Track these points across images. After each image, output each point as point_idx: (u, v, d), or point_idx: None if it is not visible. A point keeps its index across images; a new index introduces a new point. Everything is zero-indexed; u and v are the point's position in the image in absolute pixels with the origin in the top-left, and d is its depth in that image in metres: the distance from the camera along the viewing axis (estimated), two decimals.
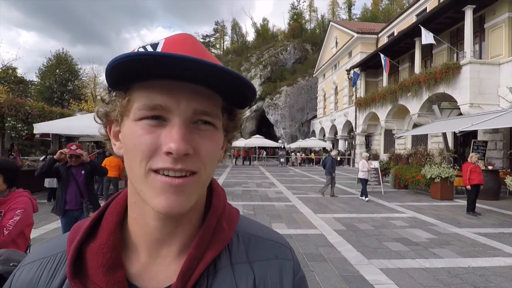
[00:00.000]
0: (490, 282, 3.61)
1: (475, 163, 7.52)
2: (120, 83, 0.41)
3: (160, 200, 0.39)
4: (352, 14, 56.20)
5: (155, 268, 0.45)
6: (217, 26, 70.71)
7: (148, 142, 0.39)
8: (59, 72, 34.15)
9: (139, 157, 0.40)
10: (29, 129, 10.06)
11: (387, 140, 20.78)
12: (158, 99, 0.40)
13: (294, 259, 0.52)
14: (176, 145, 0.38)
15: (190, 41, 0.44)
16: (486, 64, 11.65)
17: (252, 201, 8.69)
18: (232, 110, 0.48)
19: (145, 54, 0.37)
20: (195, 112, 0.41)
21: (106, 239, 0.44)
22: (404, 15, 20.10)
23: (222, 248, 0.47)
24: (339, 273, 3.79)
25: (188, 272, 0.43)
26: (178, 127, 0.39)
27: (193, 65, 0.37)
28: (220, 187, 0.56)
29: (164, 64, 0.37)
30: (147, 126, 0.40)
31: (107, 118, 0.46)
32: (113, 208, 0.48)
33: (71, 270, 0.42)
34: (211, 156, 0.43)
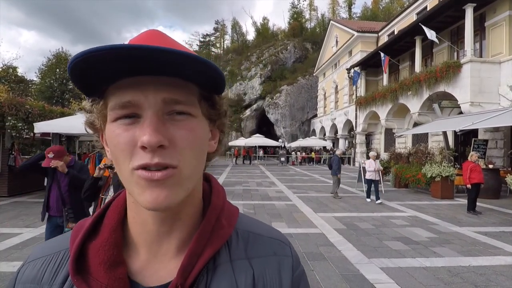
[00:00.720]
0: (491, 281, 3.60)
1: (475, 162, 7.51)
2: (90, 88, 0.42)
3: (146, 196, 0.39)
4: (352, 13, 56.15)
5: (155, 264, 0.46)
6: (217, 25, 70.68)
7: (126, 141, 0.40)
8: (59, 71, 34.14)
9: (121, 158, 0.40)
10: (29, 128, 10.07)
11: (388, 139, 20.75)
12: (127, 96, 0.40)
13: (293, 255, 0.52)
14: (148, 138, 0.37)
15: (156, 35, 0.44)
16: (486, 63, 11.62)
17: (253, 200, 8.69)
18: (211, 96, 0.47)
19: (91, 51, 0.35)
20: (165, 101, 0.40)
21: (108, 237, 0.45)
22: (405, 13, 20.06)
23: (221, 245, 0.47)
24: (340, 272, 3.79)
25: (188, 267, 0.43)
26: (149, 120, 0.39)
27: (154, 54, 0.36)
28: (219, 185, 0.56)
29: (122, 57, 0.36)
30: (123, 125, 0.40)
31: (94, 127, 0.46)
32: (114, 206, 0.49)
33: (74, 267, 0.43)
34: (191, 146, 0.42)
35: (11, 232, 5.23)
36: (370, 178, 8.72)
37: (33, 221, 6.02)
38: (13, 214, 6.59)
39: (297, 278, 0.51)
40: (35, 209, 7.10)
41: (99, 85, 0.41)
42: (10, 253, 4.26)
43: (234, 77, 46.29)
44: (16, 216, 6.42)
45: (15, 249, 4.41)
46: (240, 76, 45.97)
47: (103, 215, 0.49)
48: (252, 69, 44.56)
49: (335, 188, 9.46)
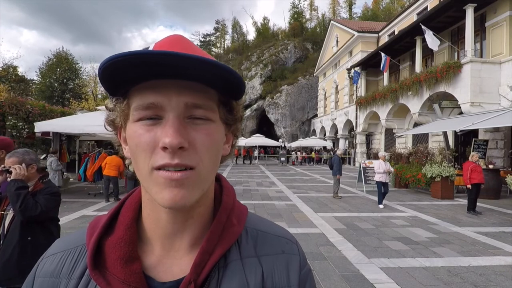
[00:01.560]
0: (491, 281, 3.61)
1: (476, 162, 7.51)
2: (115, 88, 0.44)
3: (164, 194, 0.41)
4: (352, 13, 56.06)
5: (169, 260, 0.48)
6: (218, 25, 70.69)
7: (147, 141, 0.41)
8: (60, 71, 34.14)
9: (142, 157, 0.42)
10: (30, 128, 10.08)
11: (388, 139, 20.75)
12: (150, 98, 0.42)
13: (300, 253, 0.54)
14: (169, 139, 0.39)
15: (179, 40, 0.46)
16: (487, 63, 11.61)
17: (253, 200, 8.69)
18: (229, 102, 0.48)
19: (129, 54, 0.37)
20: (187, 105, 0.42)
21: (123, 234, 0.47)
22: (405, 13, 20.04)
23: (232, 243, 0.49)
24: (340, 272, 3.80)
25: (200, 264, 0.45)
26: (171, 122, 0.41)
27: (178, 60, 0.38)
28: (229, 184, 0.58)
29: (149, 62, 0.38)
30: (145, 126, 0.42)
31: (114, 124, 0.49)
32: (128, 204, 0.51)
33: (92, 262, 0.44)
34: (209, 150, 0.44)
35: None
36: (380, 180, 8.04)
37: None
38: None
39: (304, 275, 0.52)
40: None
41: (124, 86, 0.43)
42: None
43: None
44: None
45: None
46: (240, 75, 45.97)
47: (118, 212, 0.51)
48: (253, 69, 44.54)
49: (335, 188, 9.30)
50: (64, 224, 5.84)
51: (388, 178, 8.23)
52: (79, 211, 6.94)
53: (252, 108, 41.06)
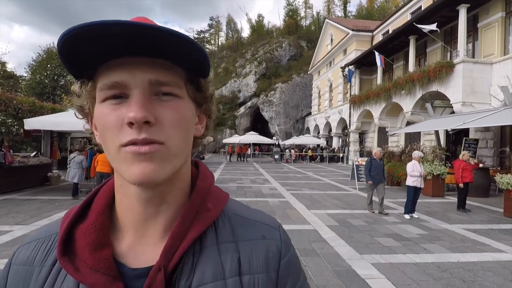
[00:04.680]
0: (478, 276, 3.68)
1: (467, 161, 7.62)
2: (78, 68, 0.43)
3: (133, 169, 0.40)
4: (347, 12, 56.29)
5: (141, 247, 0.46)
6: (212, 22, 70.29)
7: (114, 119, 0.41)
8: (50, 67, 33.58)
9: (109, 136, 0.42)
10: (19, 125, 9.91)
11: (381, 137, 20.94)
12: (114, 77, 0.41)
13: (282, 240, 0.52)
14: (134, 113, 0.39)
15: (144, 20, 0.45)
16: (478, 63, 11.78)
17: (246, 197, 8.70)
18: (197, 79, 0.48)
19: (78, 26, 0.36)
20: (151, 82, 0.41)
21: (95, 220, 0.46)
22: (399, 13, 20.19)
23: (206, 227, 0.47)
24: (332, 268, 3.83)
25: (171, 249, 0.44)
26: (136, 98, 0.40)
27: (140, 29, 0.37)
28: (207, 170, 0.56)
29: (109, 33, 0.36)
30: (111, 105, 0.41)
31: (83, 111, 0.48)
32: (103, 191, 0.50)
33: (61, 249, 0.44)
34: (177, 126, 0.43)
35: (2, 230, 5.16)
36: (414, 185, 6.73)
37: (23, 218, 5.95)
38: (4, 211, 6.50)
39: (287, 263, 0.50)
40: (26, 206, 7.01)
41: (87, 65, 0.42)
42: (0, 251, 4.21)
43: (229, 74, 46.14)
44: (6, 213, 6.33)
45: (5, 247, 4.35)
46: (234, 73, 45.82)
47: (92, 200, 0.50)
48: (247, 66, 44.47)
49: (368, 197, 7.35)
50: (56, 221, 5.77)
51: (423, 182, 7.09)
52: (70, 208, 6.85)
53: (246, 106, 41.03)
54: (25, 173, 9.55)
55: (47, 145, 11.60)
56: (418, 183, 6.78)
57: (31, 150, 12.77)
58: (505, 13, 11.72)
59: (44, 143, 11.59)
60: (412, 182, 6.79)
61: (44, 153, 11.40)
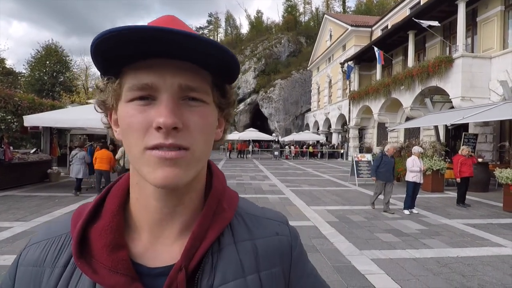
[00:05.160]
0: (478, 271, 3.70)
1: (466, 156, 7.62)
2: (108, 66, 0.43)
3: (157, 173, 0.41)
4: (346, 7, 55.96)
5: (158, 247, 0.47)
6: (211, 18, 69.92)
7: (140, 121, 0.41)
8: (50, 63, 33.43)
9: (134, 137, 0.42)
10: (19, 122, 9.88)
11: (380, 133, 20.94)
12: (145, 78, 0.41)
13: (291, 234, 0.56)
14: (164, 119, 0.39)
15: (173, 20, 0.46)
16: (478, 58, 11.75)
17: (246, 194, 8.72)
18: (223, 85, 0.48)
19: (127, 28, 0.37)
20: (181, 87, 0.42)
21: (110, 221, 0.45)
22: (398, 8, 20.10)
23: (224, 227, 0.49)
24: (332, 264, 3.85)
25: (192, 250, 0.44)
26: (165, 103, 0.41)
27: (175, 37, 0.37)
28: (219, 170, 0.57)
29: (146, 37, 0.37)
30: (138, 106, 0.42)
31: (105, 105, 0.47)
32: (115, 190, 0.50)
33: (77, 250, 0.43)
34: (202, 131, 0.44)
35: (2, 226, 5.16)
36: (414, 180, 6.79)
37: (23, 214, 5.96)
38: (4, 208, 6.50)
39: (297, 256, 0.54)
40: (26, 203, 7.01)
41: (117, 64, 0.42)
42: (1, 247, 4.22)
43: None
44: (6, 209, 6.34)
45: (6, 243, 4.36)
46: None
47: (104, 199, 0.50)
48: (246, 63, 44.27)
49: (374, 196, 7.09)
50: (56, 218, 5.78)
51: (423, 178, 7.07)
52: (70, 205, 6.86)
53: (245, 102, 40.93)
54: (25, 169, 9.55)
55: (47, 142, 11.56)
56: (418, 179, 6.80)
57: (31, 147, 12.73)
58: (504, 7, 11.67)
59: (43, 139, 11.55)
60: (412, 178, 6.81)
61: (43, 149, 11.38)
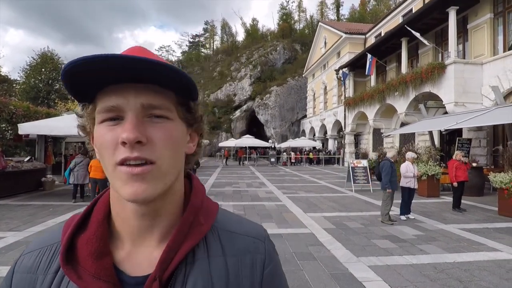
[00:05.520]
0: (474, 276, 3.71)
1: (460, 161, 7.69)
2: (80, 94, 0.48)
3: (126, 188, 0.45)
4: (340, 15, 56.76)
5: (139, 256, 0.50)
6: (207, 26, 70.40)
7: (109, 139, 0.45)
8: (45, 71, 33.29)
9: (106, 155, 0.46)
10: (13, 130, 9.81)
11: (376, 139, 21.07)
12: (111, 101, 0.46)
13: (266, 252, 0.56)
14: (127, 134, 0.43)
15: (139, 49, 0.50)
16: (469, 64, 11.95)
17: (243, 201, 8.68)
18: (187, 102, 0.52)
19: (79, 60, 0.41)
20: (143, 106, 0.46)
21: (95, 230, 0.49)
22: (391, 16, 20.42)
23: (198, 241, 0.51)
24: (329, 271, 3.83)
25: (166, 261, 0.47)
26: (129, 120, 0.45)
27: (134, 63, 0.42)
28: (200, 184, 0.60)
29: (107, 65, 0.41)
30: (108, 126, 0.46)
31: (85, 130, 0.52)
32: (101, 202, 0.54)
33: (64, 257, 0.47)
34: (167, 145, 0.47)
35: None
36: (407, 186, 6.78)
37: (17, 224, 5.87)
38: None
39: (268, 274, 0.54)
40: (19, 212, 6.92)
41: (88, 91, 0.47)
42: None
43: (224, 78, 46.15)
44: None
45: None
46: (229, 77, 45.85)
47: (92, 209, 0.53)
48: (242, 70, 44.52)
49: (384, 208, 6.42)
50: (50, 228, 5.70)
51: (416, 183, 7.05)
52: (65, 214, 6.78)
53: (241, 109, 41.02)
54: (19, 178, 9.43)
55: (41, 150, 11.47)
56: (412, 184, 6.82)
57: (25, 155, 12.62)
58: (493, 14, 11.93)
59: (38, 147, 11.45)
60: (406, 183, 6.82)
61: (38, 158, 11.27)
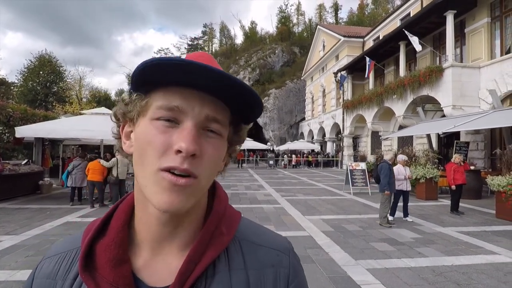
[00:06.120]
0: (472, 279, 3.71)
1: (458, 164, 7.70)
2: (143, 86, 0.46)
3: (163, 196, 0.42)
4: (338, 18, 57.09)
5: (158, 264, 0.48)
6: (206, 29, 70.58)
7: (161, 141, 0.43)
8: (43, 74, 33.24)
9: (151, 155, 0.43)
10: (10, 133, 9.77)
11: (374, 141, 21.12)
12: (175, 101, 0.44)
13: (291, 266, 0.53)
14: (186, 144, 0.41)
15: (208, 57, 0.50)
16: (467, 68, 12.03)
17: (241, 204, 8.67)
18: (238, 124, 0.52)
19: (176, 59, 0.40)
20: (207, 117, 0.45)
21: (114, 237, 0.48)
22: (389, 19, 20.56)
23: (220, 252, 0.49)
24: (327, 274, 3.82)
25: (186, 273, 0.45)
26: (190, 129, 0.43)
27: (214, 76, 0.41)
28: (223, 191, 0.58)
29: (189, 70, 0.41)
30: (161, 126, 0.44)
31: (124, 118, 0.50)
32: (122, 207, 0.52)
33: (82, 264, 0.46)
34: (213, 163, 0.46)
35: None
36: (400, 188, 6.75)
37: (13, 228, 5.83)
38: None
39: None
40: (16, 215, 6.88)
41: (152, 85, 0.45)
42: None
43: None
44: None
45: None
46: None
47: (111, 215, 0.52)
48: (241, 73, 44.60)
49: (383, 211, 6.37)
50: (47, 231, 5.67)
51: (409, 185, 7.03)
52: (63, 217, 6.75)
53: None
54: (16, 181, 9.39)
55: (39, 153, 11.42)
56: (404, 186, 6.86)
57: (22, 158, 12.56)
58: (491, 18, 12.03)
59: (35, 150, 11.41)
60: (398, 186, 6.79)
61: (35, 161, 11.23)
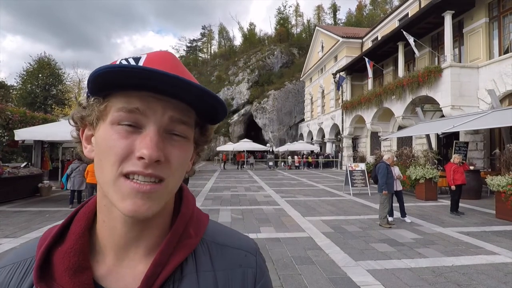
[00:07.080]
0: (473, 280, 3.70)
1: (458, 164, 7.71)
2: (100, 90, 0.43)
3: (127, 203, 0.41)
4: (337, 19, 57.20)
5: (122, 270, 0.46)
6: (205, 31, 70.71)
7: (122, 146, 0.41)
8: (42, 76, 33.24)
9: (112, 160, 0.41)
10: (10, 136, 9.75)
11: (373, 142, 21.14)
12: (136, 103, 0.42)
13: (258, 266, 0.53)
14: (149, 151, 0.40)
15: (170, 58, 0.47)
16: (465, 68, 12.05)
17: (241, 205, 8.65)
18: (204, 125, 0.51)
19: (127, 67, 0.39)
20: (171, 119, 0.43)
21: (74, 243, 0.45)
22: (387, 20, 20.61)
23: (187, 255, 0.48)
24: (327, 275, 3.81)
25: (152, 277, 0.44)
26: (152, 135, 0.41)
27: (171, 81, 0.40)
28: (190, 193, 0.57)
29: (144, 77, 0.39)
30: (122, 131, 0.42)
31: (82, 121, 0.48)
32: (82, 212, 0.49)
33: (38, 274, 0.43)
34: (180, 166, 0.45)
35: None
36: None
37: (13, 231, 5.81)
38: None
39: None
40: (15, 218, 6.85)
41: (108, 90, 0.43)
42: None
43: (222, 82, 46.31)
44: None
45: None
46: (227, 81, 46.02)
47: (71, 221, 0.49)
48: (240, 74, 44.69)
49: (383, 211, 6.38)
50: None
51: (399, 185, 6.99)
52: (61, 220, 6.71)
53: (239, 113, 41.10)
54: (15, 184, 9.37)
55: (38, 156, 11.41)
56: (394, 186, 6.73)
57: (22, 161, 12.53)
58: (489, 18, 12.07)
59: (34, 153, 11.40)
60: None
61: (34, 163, 11.21)
